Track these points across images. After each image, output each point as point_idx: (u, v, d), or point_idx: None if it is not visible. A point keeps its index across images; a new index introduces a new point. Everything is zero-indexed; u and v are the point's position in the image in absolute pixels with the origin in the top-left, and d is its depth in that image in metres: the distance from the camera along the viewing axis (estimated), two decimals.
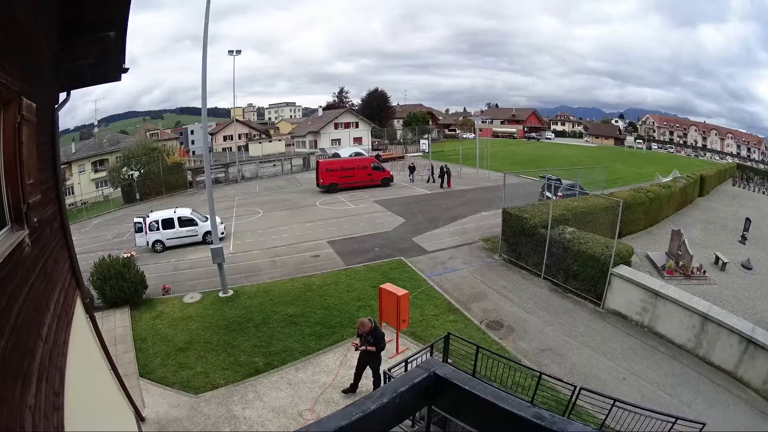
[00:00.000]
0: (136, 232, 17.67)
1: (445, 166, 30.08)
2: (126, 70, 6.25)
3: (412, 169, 32.84)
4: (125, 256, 14.27)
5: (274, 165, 41.80)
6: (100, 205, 33.43)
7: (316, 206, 24.79)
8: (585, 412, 7.17)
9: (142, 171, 33.63)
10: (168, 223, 17.81)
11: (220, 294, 12.85)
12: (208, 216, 16.07)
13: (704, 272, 14.24)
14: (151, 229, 17.67)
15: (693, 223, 21.22)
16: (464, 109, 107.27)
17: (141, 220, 17.88)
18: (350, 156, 35.03)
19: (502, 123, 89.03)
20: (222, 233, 18.31)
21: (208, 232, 17.12)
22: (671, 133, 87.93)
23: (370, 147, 50.35)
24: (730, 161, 59.95)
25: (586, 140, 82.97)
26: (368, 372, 8.53)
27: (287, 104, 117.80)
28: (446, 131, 79.17)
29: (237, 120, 61.85)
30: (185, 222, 18.14)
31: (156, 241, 17.74)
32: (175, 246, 17.98)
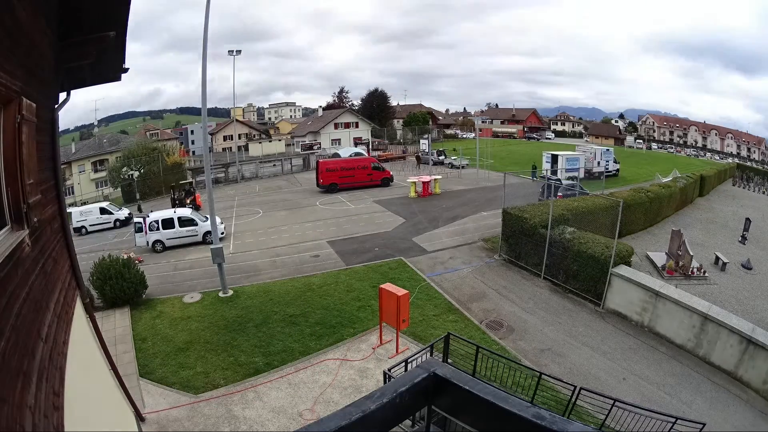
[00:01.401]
0: (136, 232, 17.75)
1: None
2: (126, 70, 6.25)
3: None
4: (125, 256, 14.20)
5: (274, 165, 41.79)
6: None
7: (316, 206, 24.78)
8: (585, 412, 7.17)
9: (142, 171, 33.63)
10: (168, 223, 17.89)
11: (220, 294, 12.86)
12: (207, 216, 16.13)
13: (704, 272, 14.24)
14: (151, 229, 17.73)
15: (693, 223, 21.22)
16: (464, 109, 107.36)
17: (141, 220, 17.96)
18: (350, 156, 35.02)
19: (502, 123, 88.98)
20: (222, 233, 18.36)
21: (208, 232, 17.19)
22: (671, 133, 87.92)
23: (370, 147, 50.32)
24: (731, 161, 59.90)
25: (586, 140, 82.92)
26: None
27: (287, 104, 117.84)
28: (446, 131, 79.15)
29: (237, 120, 61.81)
30: (185, 222, 18.22)
31: (156, 241, 17.79)
32: (175, 246, 18.02)
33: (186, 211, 19.11)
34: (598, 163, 30.74)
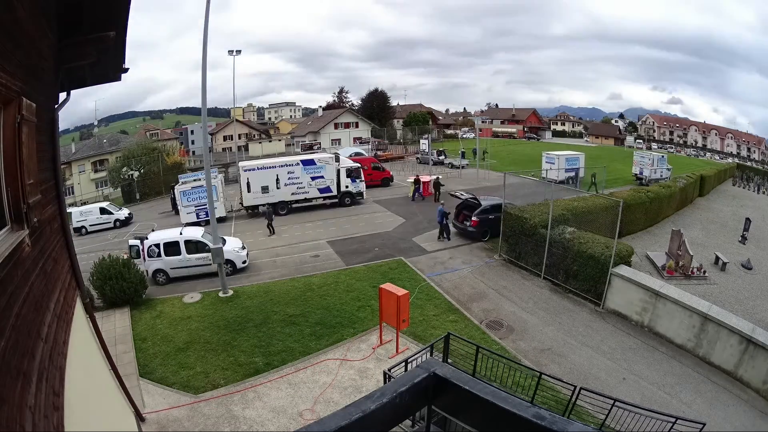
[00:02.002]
0: (134, 258, 13.93)
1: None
2: (126, 70, 6.25)
3: None
4: (125, 257, 14.14)
5: None
6: None
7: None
8: (585, 412, 7.17)
9: (142, 171, 33.64)
10: (171, 248, 14.04)
11: (220, 294, 12.85)
12: (225, 238, 14.91)
13: (704, 272, 14.25)
14: (150, 255, 13.92)
15: (693, 223, 21.22)
16: (464, 109, 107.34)
17: (138, 242, 14.44)
18: (350, 156, 34.98)
19: (502, 123, 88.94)
20: (244, 262, 14.93)
21: (228, 260, 13.96)
22: (671, 133, 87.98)
23: (370, 147, 50.29)
24: (731, 161, 59.91)
25: (586, 140, 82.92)
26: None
27: (287, 104, 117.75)
28: (446, 131, 79.14)
29: (237, 120, 61.77)
30: (194, 246, 14.18)
31: (157, 271, 14.02)
32: (184, 277, 14.26)
33: (196, 232, 14.83)
34: (655, 170, 31.03)
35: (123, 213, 24.42)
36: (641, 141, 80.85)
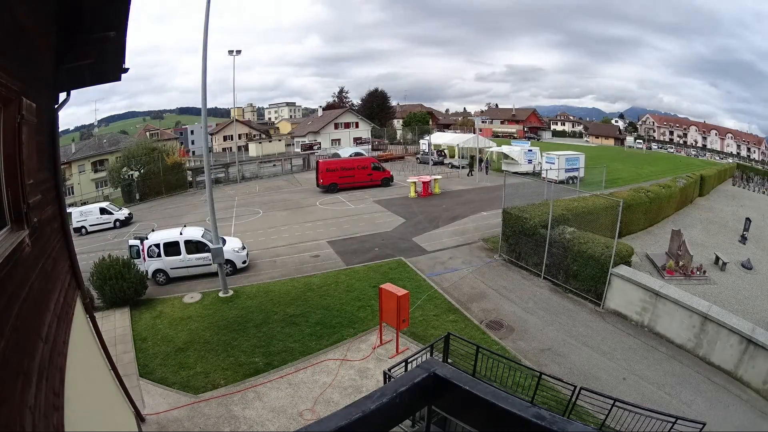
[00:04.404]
0: (134, 258, 13.92)
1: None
2: (126, 70, 6.24)
3: None
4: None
5: (274, 165, 41.78)
6: None
7: (316, 206, 24.78)
8: (585, 412, 7.17)
9: (142, 171, 33.62)
10: (171, 248, 14.20)
11: (220, 294, 12.85)
12: (225, 238, 14.96)
13: (704, 272, 14.24)
14: (150, 255, 14.08)
15: (693, 223, 21.21)
16: (464, 109, 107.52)
17: (138, 242, 14.53)
18: (350, 156, 35.02)
19: (502, 123, 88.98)
20: (244, 262, 15.08)
21: (228, 261, 14.12)
22: (671, 133, 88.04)
23: (370, 147, 50.27)
24: (731, 161, 59.93)
25: (587, 140, 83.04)
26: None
27: (287, 104, 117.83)
28: (446, 131, 79.16)
29: (237, 120, 61.78)
30: (194, 247, 14.32)
31: (157, 271, 14.17)
32: (183, 277, 14.45)
33: (196, 232, 14.89)
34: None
35: (123, 213, 24.40)
36: (641, 141, 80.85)
